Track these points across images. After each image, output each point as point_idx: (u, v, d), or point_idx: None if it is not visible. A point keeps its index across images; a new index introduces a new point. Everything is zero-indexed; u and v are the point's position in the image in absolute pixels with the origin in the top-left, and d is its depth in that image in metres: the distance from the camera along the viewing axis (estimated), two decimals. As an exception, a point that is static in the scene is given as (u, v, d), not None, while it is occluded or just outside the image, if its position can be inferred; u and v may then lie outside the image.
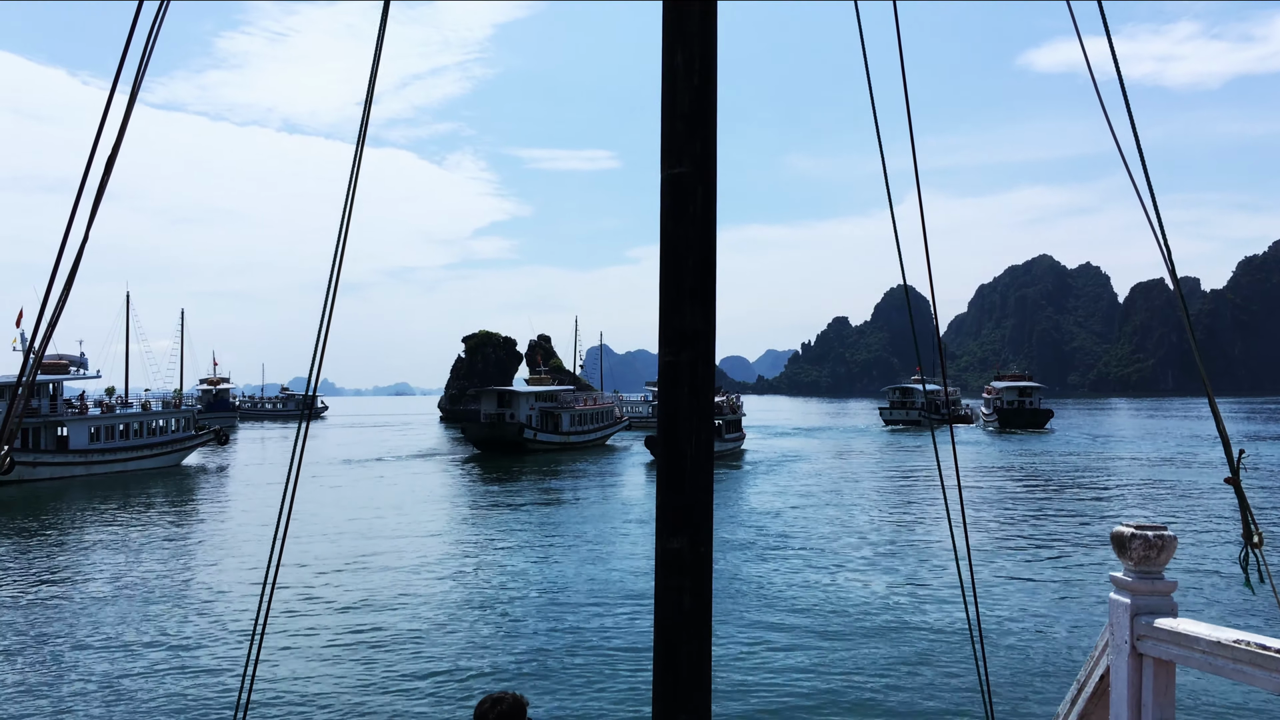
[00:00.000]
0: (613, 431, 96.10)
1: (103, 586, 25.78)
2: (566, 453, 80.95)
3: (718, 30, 3.56)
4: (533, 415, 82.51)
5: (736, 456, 74.68)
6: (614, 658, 18.83)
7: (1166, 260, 4.32)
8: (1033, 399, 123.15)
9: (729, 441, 77.81)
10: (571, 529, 36.23)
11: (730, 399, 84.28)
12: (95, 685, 17.13)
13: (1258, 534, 4.09)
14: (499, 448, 79.23)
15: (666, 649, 3.42)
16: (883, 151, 5.37)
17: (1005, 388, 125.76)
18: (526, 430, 79.88)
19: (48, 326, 3.57)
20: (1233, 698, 15.59)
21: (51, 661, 18.65)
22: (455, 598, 24.42)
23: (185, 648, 19.54)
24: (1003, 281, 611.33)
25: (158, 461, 65.81)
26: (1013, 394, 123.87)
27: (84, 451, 59.36)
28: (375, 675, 17.81)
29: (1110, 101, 4.43)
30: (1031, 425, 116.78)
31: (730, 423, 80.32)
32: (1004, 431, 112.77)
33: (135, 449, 63.90)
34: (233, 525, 38.08)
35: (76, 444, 59.42)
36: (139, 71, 3.86)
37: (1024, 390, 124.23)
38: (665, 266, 3.51)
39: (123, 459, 62.37)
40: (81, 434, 59.89)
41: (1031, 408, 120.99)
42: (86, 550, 31.80)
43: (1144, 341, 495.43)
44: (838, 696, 16.46)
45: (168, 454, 67.33)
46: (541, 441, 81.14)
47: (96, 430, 61.51)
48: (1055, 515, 39.26)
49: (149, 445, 65.50)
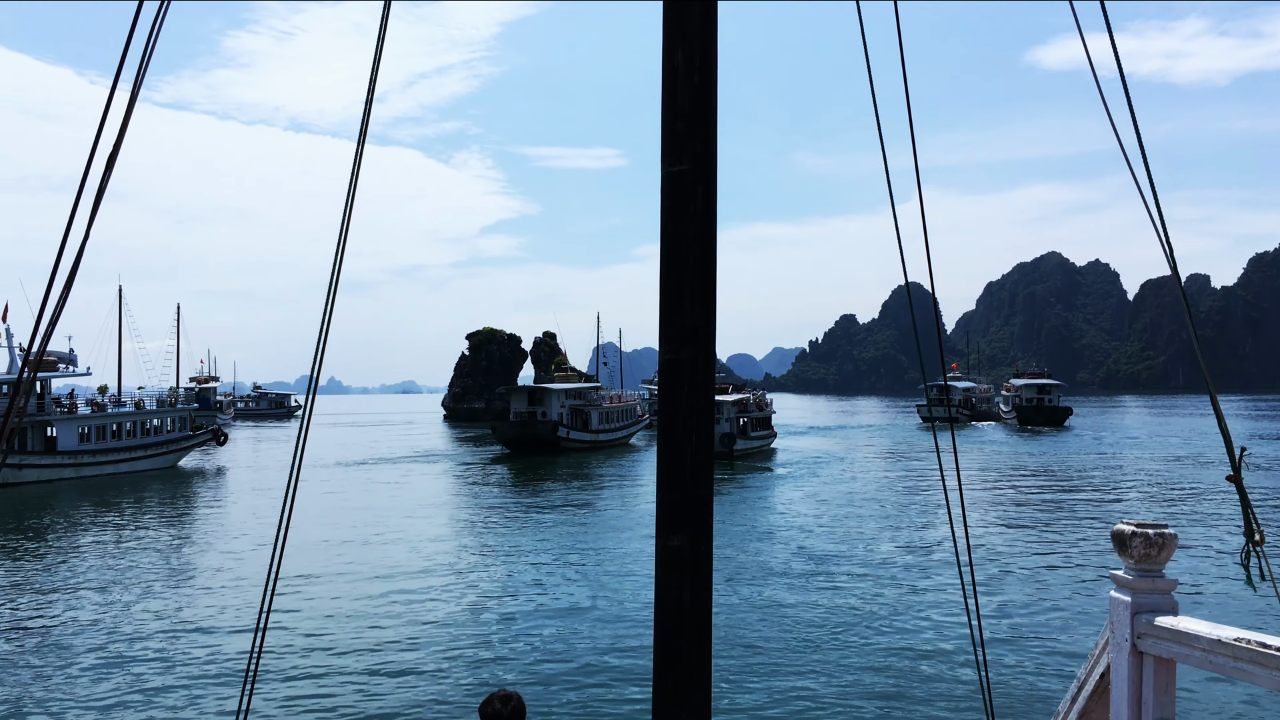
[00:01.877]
0: (636, 430, 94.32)
1: (92, 595, 24.47)
2: (597, 452, 78.54)
3: (718, 28, 3.57)
4: (563, 413, 79.87)
5: (766, 455, 72.98)
6: (616, 658, 18.86)
7: (1168, 256, 4.31)
8: (1052, 396, 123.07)
9: (754, 440, 75.46)
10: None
11: (757, 396, 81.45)
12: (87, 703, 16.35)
13: (1259, 532, 4.09)
14: (531, 447, 76.34)
15: (666, 647, 3.43)
16: (884, 150, 5.36)
17: (1025, 385, 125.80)
18: (560, 429, 77.25)
19: (48, 325, 3.57)
20: (1233, 696, 15.56)
21: (39, 677, 17.71)
22: (471, 608, 24.45)
23: (181, 662, 18.69)
24: (1011, 279, 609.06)
25: (152, 463, 62.89)
26: (1032, 391, 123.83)
27: (73, 453, 56.45)
28: (380, 685, 17.83)
29: (1114, 100, 4.42)
30: (1051, 422, 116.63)
31: (757, 420, 77.86)
32: (1024, 429, 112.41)
33: (128, 450, 60.88)
34: (232, 530, 36.20)
35: (65, 445, 56.65)
36: (140, 70, 3.87)
37: (1043, 388, 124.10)
38: (665, 264, 3.52)
39: (114, 460, 59.36)
40: (71, 434, 57.12)
41: (1051, 405, 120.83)
42: (74, 557, 30.24)
43: (1154, 338, 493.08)
44: (837, 694, 16.46)
45: (162, 455, 64.43)
46: (574, 440, 78.68)
47: (87, 430, 58.59)
48: (1061, 512, 39.14)
49: (143, 446, 62.44)
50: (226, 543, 33.18)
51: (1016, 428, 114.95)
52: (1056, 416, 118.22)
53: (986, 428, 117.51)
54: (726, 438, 68.83)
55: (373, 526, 36.71)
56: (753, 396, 79.96)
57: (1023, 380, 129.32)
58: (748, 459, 69.26)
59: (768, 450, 77.64)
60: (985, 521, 36.45)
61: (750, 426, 75.16)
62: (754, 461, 67.75)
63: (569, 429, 78.64)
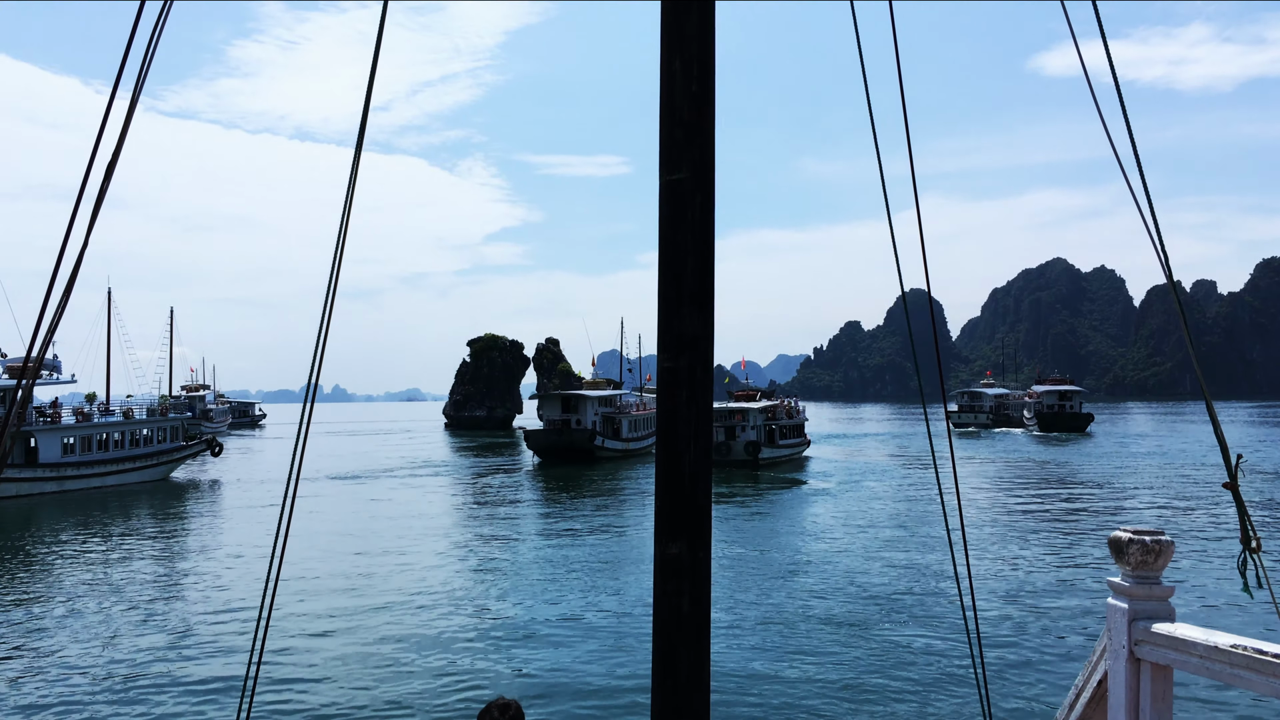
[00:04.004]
0: None
1: (73, 620, 22.70)
2: (628, 460, 76.33)
3: (716, 35, 3.57)
4: (597, 420, 77.89)
5: (797, 465, 70.46)
6: (616, 665, 18.83)
7: (1163, 264, 4.32)
8: (1073, 403, 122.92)
9: (784, 448, 73.02)
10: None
11: (787, 403, 78.48)
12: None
13: (1256, 539, 4.09)
14: (567, 455, 73.98)
15: (665, 653, 3.43)
16: (880, 157, 5.37)
17: (1046, 391, 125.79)
18: (597, 437, 75.20)
19: (46, 333, 3.56)
20: (1230, 702, 15.51)
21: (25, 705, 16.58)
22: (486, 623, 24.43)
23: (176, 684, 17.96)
24: (1016, 285, 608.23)
25: (142, 475, 59.67)
26: (1053, 398, 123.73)
27: (56, 465, 53.09)
28: (380, 692, 17.82)
29: (1110, 108, 4.44)
30: (1072, 429, 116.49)
31: (787, 427, 74.96)
32: (1045, 435, 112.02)
33: (116, 461, 57.61)
34: (227, 546, 33.95)
35: (47, 457, 53.13)
36: (141, 73, 3.87)
37: (1064, 394, 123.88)
38: (664, 272, 3.53)
39: (101, 473, 56.08)
40: (54, 445, 53.60)
41: (1072, 411, 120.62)
42: (55, 577, 28.36)
43: (1161, 344, 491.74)
44: (834, 699, 16.43)
45: (153, 467, 61.08)
46: (608, 449, 76.41)
47: (71, 441, 54.95)
48: (1063, 517, 39.02)
49: (131, 458, 59.04)
50: (218, 562, 30.70)
51: (1038, 434, 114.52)
52: (1078, 423, 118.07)
53: (1010, 434, 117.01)
54: (752, 446, 67.12)
55: (366, 544, 34.85)
56: (782, 402, 77.20)
57: (1044, 386, 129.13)
58: (775, 468, 67.16)
59: (799, 459, 75.29)
60: (992, 523, 36.33)
61: (779, 434, 72.85)
62: (782, 471, 65.38)
63: (604, 437, 76.66)
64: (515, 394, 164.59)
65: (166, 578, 28.49)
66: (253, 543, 34.91)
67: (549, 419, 78.40)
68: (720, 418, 70.01)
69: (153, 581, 27.87)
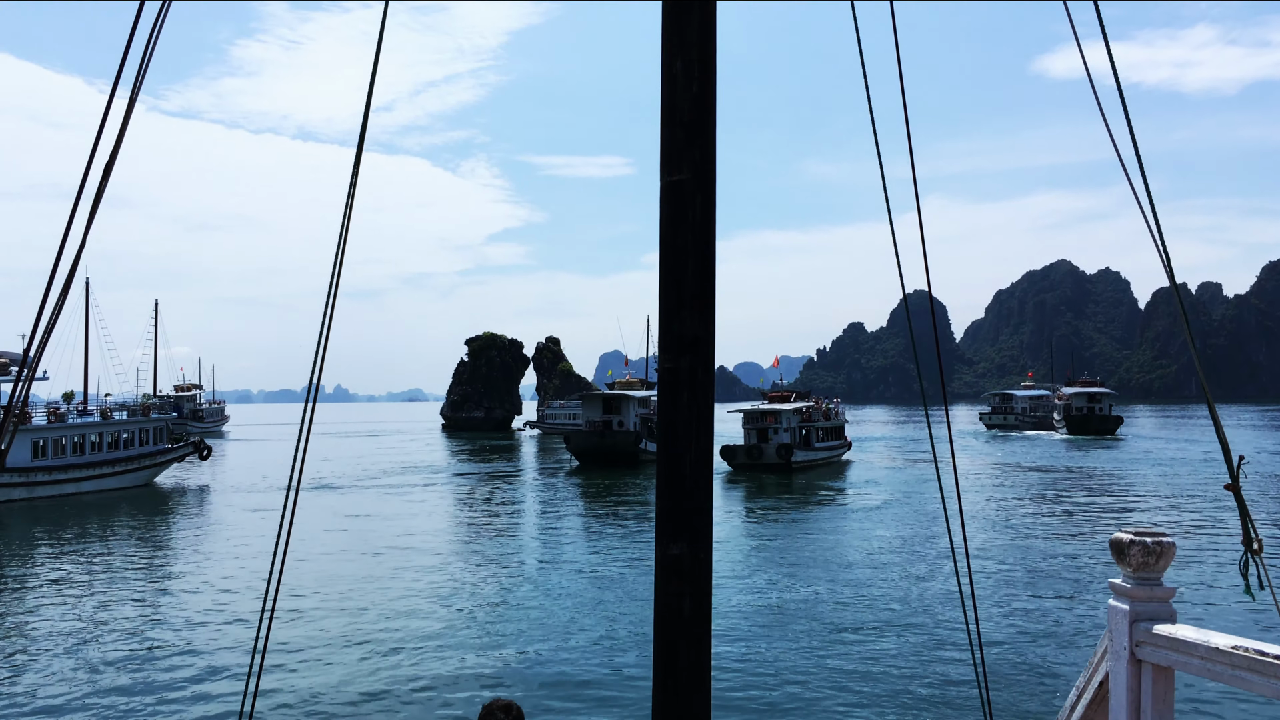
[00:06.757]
0: None
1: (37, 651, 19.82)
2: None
3: (717, 36, 3.58)
4: (637, 423, 74.97)
5: (834, 469, 67.01)
6: (617, 666, 18.83)
7: (1165, 265, 4.31)
8: (1102, 405, 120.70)
9: (820, 451, 69.97)
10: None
11: (825, 404, 75.74)
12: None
13: (1257, 540, 4.09)
14: (610, 459, 71.30)
15: (666, 654, 3.43)
16: (881, 160, 5.37)
17: (1075, 394, 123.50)
18: (641, 440, 72.21)
19: (44, 332, 3.55)
20: (1231, 703, 15.48)
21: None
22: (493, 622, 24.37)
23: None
24: (1020, 287, 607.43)
25: (122, 480, 55.31)
26: (1082, 400, 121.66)
27: (26, 470, 48.94)
28: (380, 694, 17.81)
29: (1114, 111, 4.43)
30: (1102, 432, 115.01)
31: (824, 430, 72.09)
32: (1074, 438, 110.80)
33: (93, 466, 53.17)
34: (217, 556, 31.55)
35: (17, 461, 48.71)
36: (140, 70, 3.87)
37: (1094, 396, 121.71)
38: (665, 273, 3.53)
39: (76, 479, 51.67)
40: (23, 448, 49.01)
41: (1101, 414, 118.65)
42: (18, 595, 25.56)
43: (1167, 347, 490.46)
44: (835, 699, 16.42)
45: (134, 471, 56.64)
46: (649, 453, 72.40)
47: (43, 444, 50.46)
48: (1066, 520, 38.93)
49: (110, 461, 54.54)
50: (207, 580, 27.39)
51: (1067, 436, 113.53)
52: (1107, 426, 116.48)
53: (1040, 436, 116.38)
54: (784, 449, 64.72)
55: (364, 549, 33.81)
56: (817, 404, 74.06)
57: (1073, 389, 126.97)
58: (810, 472, 64.76)
59: (837, 463, 72.00)
60: (996, 526, 36.26)
61: (814, 436, 70.09)
62: (816, 476, 62.20)
63: (647, 440, 73.42)
64: (514, 394, 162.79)
65: (146, 600, 25.05)
66: (243, 556, 31.71)
67: (589, 420, 76.19)
68: (752, 420, 68.28)
69: (132, 599, 25.01)
